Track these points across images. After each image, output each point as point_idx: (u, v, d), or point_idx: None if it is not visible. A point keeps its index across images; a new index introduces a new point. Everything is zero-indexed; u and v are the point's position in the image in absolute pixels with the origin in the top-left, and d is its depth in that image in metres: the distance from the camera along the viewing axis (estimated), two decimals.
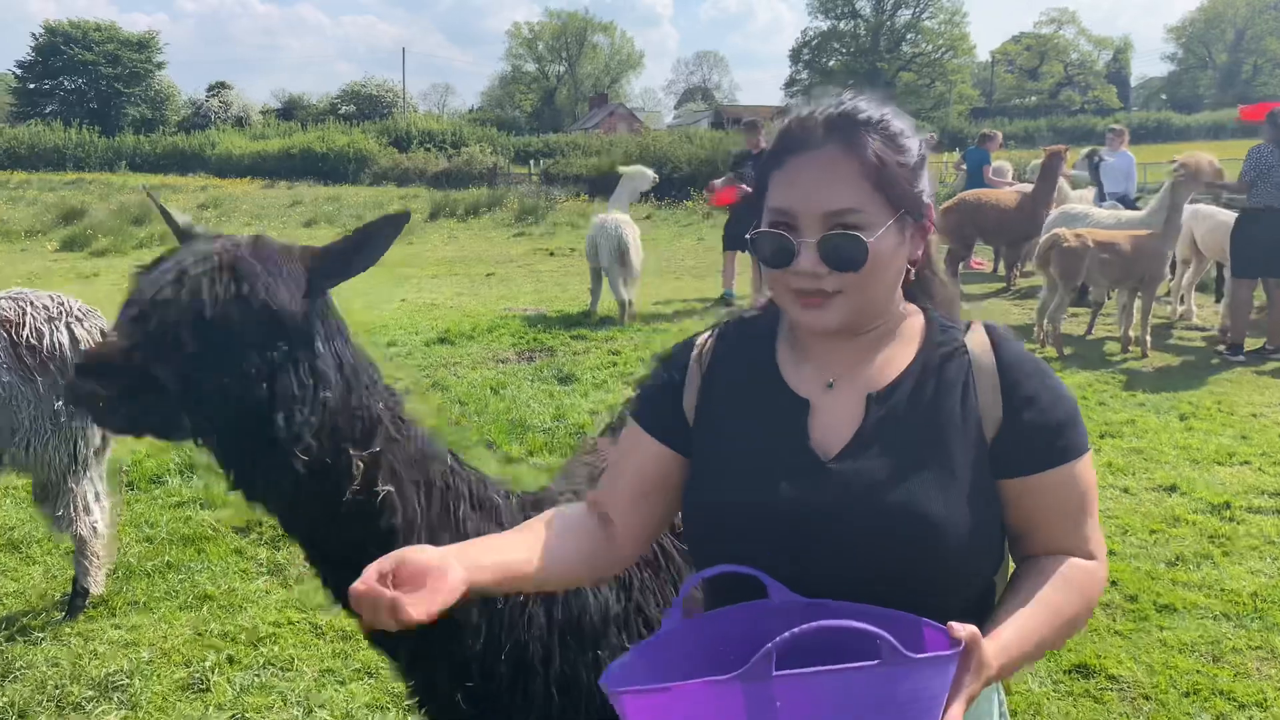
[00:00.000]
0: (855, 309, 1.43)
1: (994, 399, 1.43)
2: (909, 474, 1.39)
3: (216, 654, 3.85)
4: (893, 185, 1.40)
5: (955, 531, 1.37)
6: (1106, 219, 9.92)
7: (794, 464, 1.44)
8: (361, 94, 67.04)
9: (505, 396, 7.49)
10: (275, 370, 1.63)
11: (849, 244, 1.38)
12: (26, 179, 34.55)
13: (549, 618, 1.90)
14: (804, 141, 1.42)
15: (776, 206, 1.43)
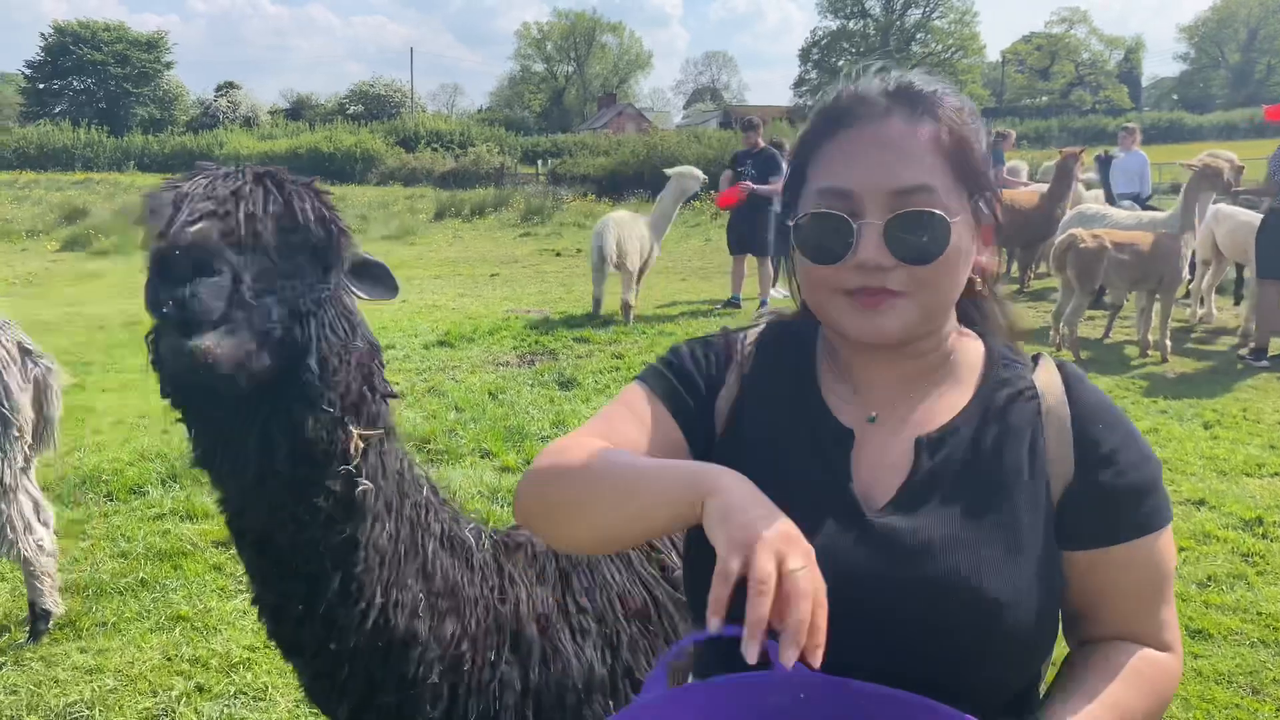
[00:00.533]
0: (920, 317, 1.18)
1: (1065, 453, 1.19)
2: (966, 540, 1.14)
3: (185, 681, 3.61)
4: (968, 164, 1.17)
5: (1017, 613, 1.12)
6: (1126, 219, 9.64)
7: (833, 511, 1.19)
8: (370, 94, 66.94)
9: (504, 402, 7.25)
10: (321, 305, 1.51)
11: (927, 224, 1.13)
12: (35, 179, 34.50)
13: (524, 682, 1.68)
14: (860, 114, 1.18)
15: (828, 186, 1.18)
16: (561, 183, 31.62)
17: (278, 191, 1.46)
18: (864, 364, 1.26)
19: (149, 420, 6.83)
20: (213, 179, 1.45)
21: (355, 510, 1.56)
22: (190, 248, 1.31)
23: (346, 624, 1.58)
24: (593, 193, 28.55)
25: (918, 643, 1.11)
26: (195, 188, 1.43)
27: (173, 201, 1.41)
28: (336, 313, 1.55)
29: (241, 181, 1.45)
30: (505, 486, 5.41)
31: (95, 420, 6.88)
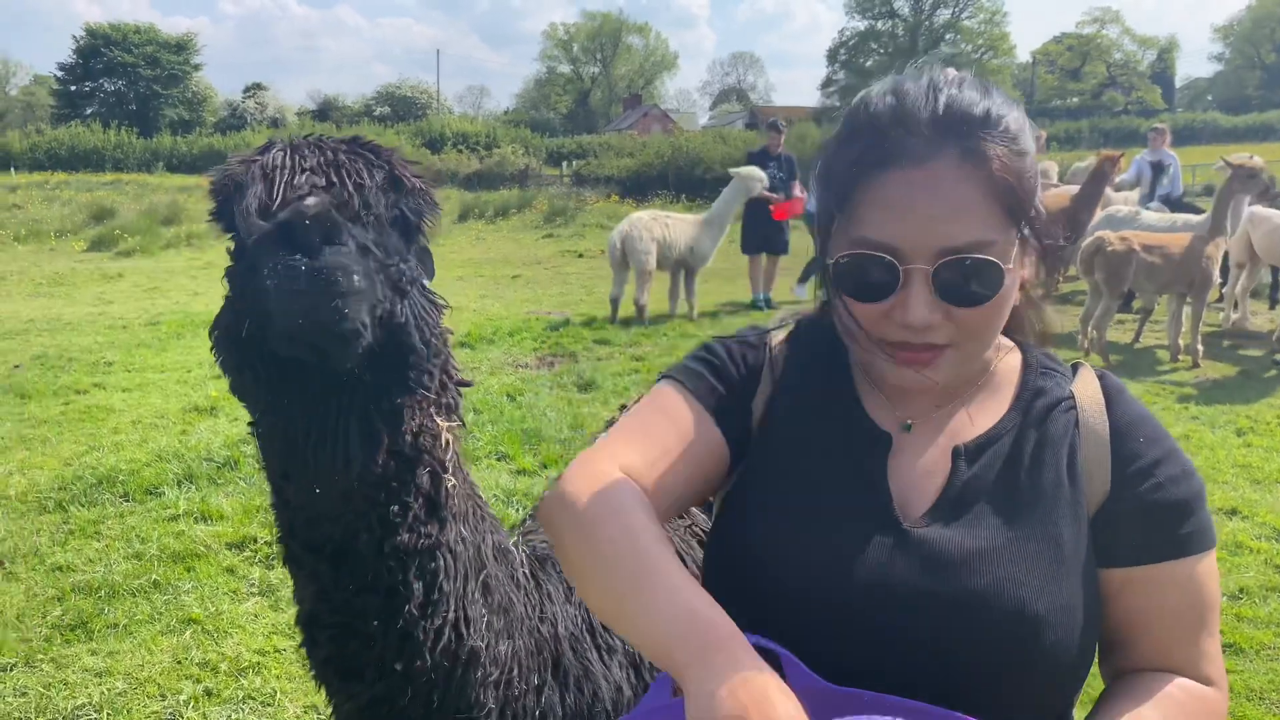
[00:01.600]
0: (966, 360, 1.14)
1: (1102, 466, 1.14)
2: (1007, 553, 1.09)
3: (194, 685, 3.58)
4: (1018, 199, 1.09)
5: (1059, 631, 1.06)
6: (1158, 222, 9.46)
7: (866, 517, 1.14)
8: (396, 95, 67.31)
9: (522, 404, 7.20)
10: (414, 282, 1.39)
11: (980, 272, 1.07)
12: (65, 179, 34.86)
13: (563, 707, 1.61)
14: (904, 148, 1.08)
15: (869, 239, 1.10)
16: (586, 184, 31.59)
17: (376, 158, 1.38)
18: (894, 373, 1.20)
19: (167, 420, 6.84)
20: (295, 150, 1.34)
21: (439, 510, 1.46)
22: (318, 218, 1.19)
23: (421, 641, 1.45)
24: (617, 194, 28.50)
25: (951, 659, 1.06)
26: (280, 159, 1.32)
27: (261, 174, 1.29)
28: (423, 290, 1.43)
29: (339, 150, 1.36)
30: (521, 489, 5.36)
31: (114, 420, 6.89)
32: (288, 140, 1.37)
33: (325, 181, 1.29)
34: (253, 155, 1.34)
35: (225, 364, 1.36)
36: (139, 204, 23.91)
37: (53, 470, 5.81)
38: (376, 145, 1.41)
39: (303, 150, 1.34)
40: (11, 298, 12.73)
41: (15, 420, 6.87)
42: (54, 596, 4.24)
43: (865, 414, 1.21)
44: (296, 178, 1.28)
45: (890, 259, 1.08)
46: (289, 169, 1.29)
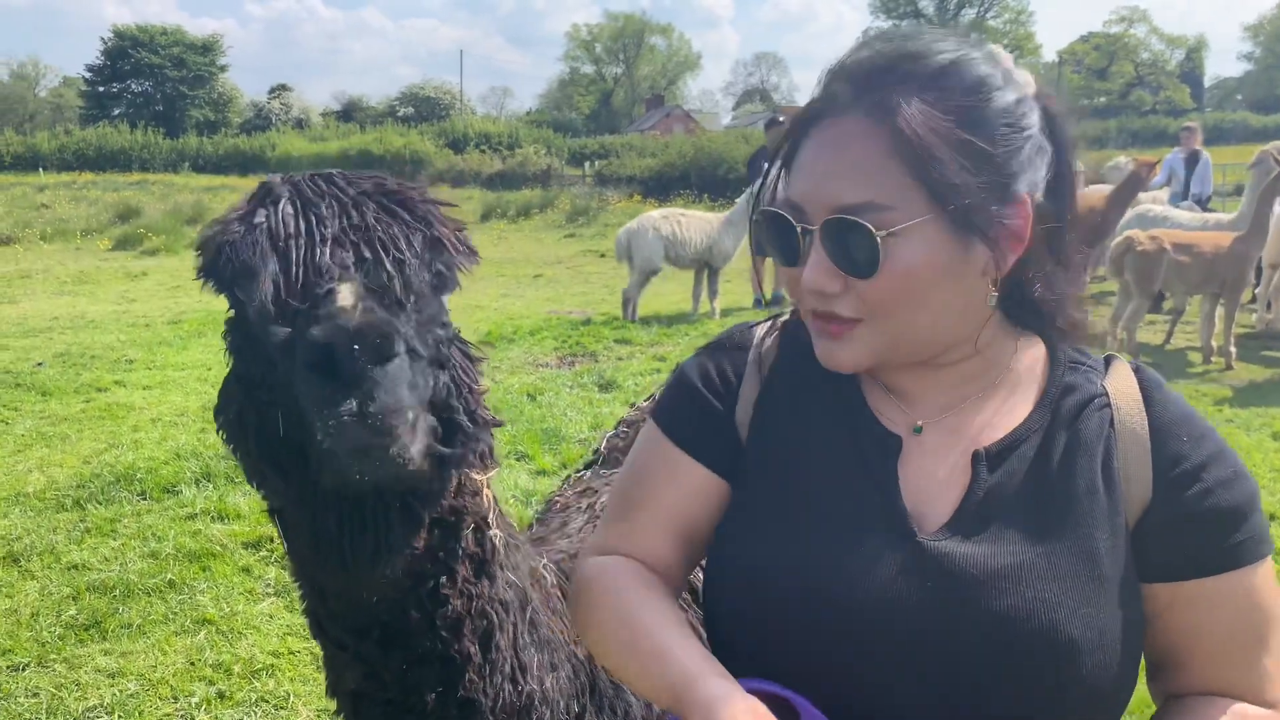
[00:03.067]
0: (885, 345, 1.02)
1: (1142, 470, 1.02)
2: (1037, 569, 0.98)
3: (207, 687, 3.52)
4: (934, 170, 0.96)
5: (1097, 656, 0.96)
6: (1190, 221, 9.27)
7: (877, 529, 1.03)
8: (420, 96, 67.54)
9: (542, 404, 7.13)
10: (453, 343, 1.22)
11: (852, 235, 0.98)
12: (93, 179, 35.20)
13: None
14: (828, 105, 1.02)
15: (785, 197, 1.05)
16: (608, 184, 31.55)
17: (411, 216, 1.14)
18: (893, 369, 1.10)
19: (187, 418, 6.81)
20: (308, 205, 1.09)
21: (487, 566, 1.33)
22: (363, 334, 0.96)
23: (482, 703, 1.33)
24: (639, 193, 28.45)
25: (976, 690, 0.95)
26: (290, 221, 1.07)
27: (270, 244, 1.05)
28: (460, 344, 1.25)
29: (365, 206, 1.10)
30: (540, 490, 5.29)
31: (134, 417, 6.87)
32: (291, 186, 1.13)
33: (356, 257, 1.06)
34: (252, 209, 1.11)
35: (242, 458, 1.18)
36: (164, 204, 24.08)
37: (71, 468, 5.79)
38: (407, 194, 1.18)
39: (317, 205, 1.09)
40: (36, 295, 12.81)
41: (36, 417, 6.87)
42: (69, 595, 4.21)
43: (871, 414, 1.11)
44: (318, 252, 1.04)
45: (787, 217, 1.02)
46: (305, 236, 1.06)
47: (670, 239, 10.47)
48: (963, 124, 0.98)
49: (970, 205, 0.97)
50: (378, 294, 1.04)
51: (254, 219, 1.08)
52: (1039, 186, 1.03)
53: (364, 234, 1.08)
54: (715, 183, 28.24)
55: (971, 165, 0.97)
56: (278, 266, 1.04)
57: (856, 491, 1.06)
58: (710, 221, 10.90)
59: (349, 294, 1.00)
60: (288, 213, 1.08)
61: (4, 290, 13.07)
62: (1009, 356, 1.10)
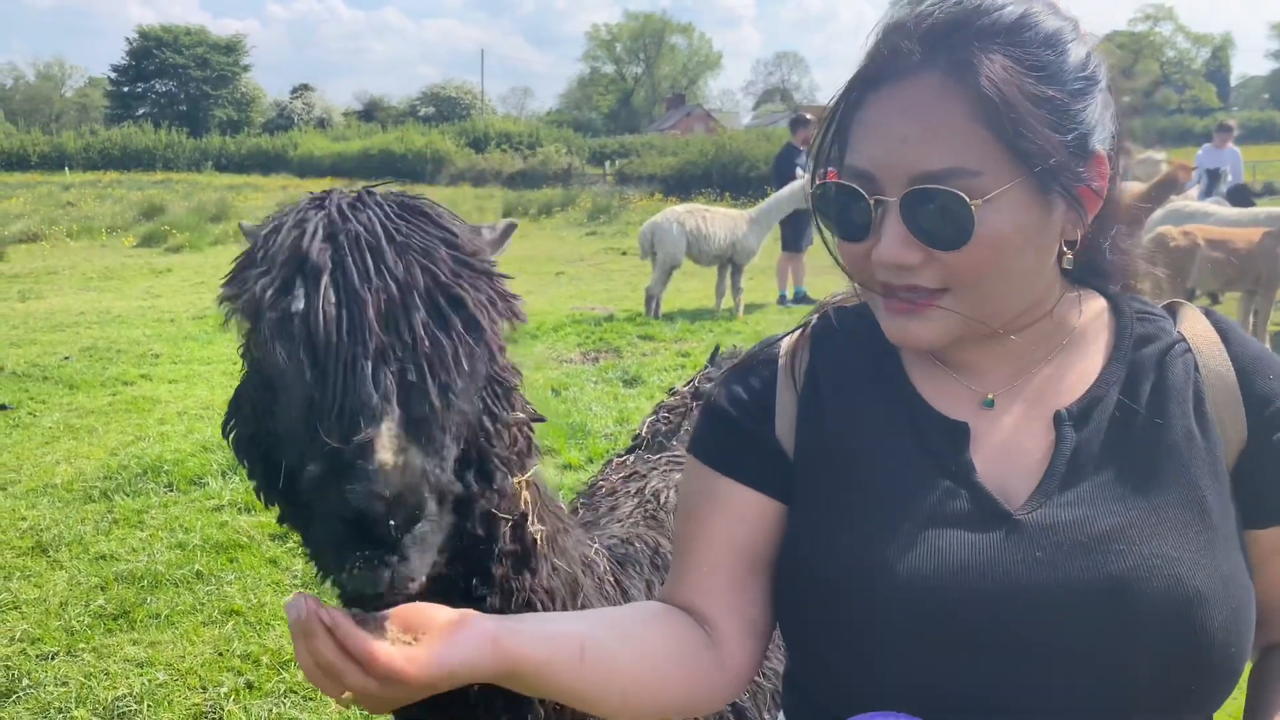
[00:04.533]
0: (967, 317, 0.96)
1: (1234, 412, 0.98)
2: (1146, 523, 0.92)
3: (235, 678, 3.50)
4: (1021, 131, 0.90)
5: (1223, 609, 0.90)
6: (1229, 215, 9.11)
7: (965, 518, 0.96)
8: (441, 96, 67.85)
9: (567, 399, 7.10)
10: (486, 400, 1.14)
11: (941, 205, 0.91)
12: (118, 178, 35.52)
13: None
14: (893, 65, 0.95)
15: (850, 166, 0.98)
16: (629, 183, 31.56)
17: (464, 316, 1.00)
18: (960, 344, 1.04)
19: (213, 411, 6.82)
20: (352, 295, 0.95)
21: (529, 559, 1.27)
22: (402, 501, 0.89)
23: (531, 700, 1.27)
24: (660, 192, 28.44)
25: (1107, 662, 0.89)
26: (330, 309, 0.94)
27: (305, 333, 0.95)
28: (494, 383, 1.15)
29: (414, 311, 0.96)
30: (567, 484, 5.25)
31: (160, 410, 6.89)
32: (333, 252, 0.98)
33: (399, 380, 0.94)
34: (289, 275, 0.97)
35: (246, 472, 1.12)
36: (188, 202, 24.24)
37: (99, 460, 5.80)
38: (460, 287, 1.02)
39: (362, 299, 0.95)
40: (63, 291, 12.90)
41: (63, 410, 6.90)
42: (97, 585, 4.20)
43: (928, 406, 1.04)
44: (360, 372, 0.92)
45: (858, 189, 0.96)
46: (346, 346, 0.93)
47: (694, 234, 10.42)
48: (1045, 80, 0.93)
49: (1056, 165, 0.93)
50: (417, 426, 0.94)
51: (290, 301, 0.95)
52: (1108, 141, 0.99)
53: (410, 352, 0.96)
54: (736, 181, 28.19)
55: (1056, 123, 0.93)
56: (313, 381, 0.94)
57: (931, 485, 0.99)
58: (734, 218, 10.85)
59: (388, 447, 0.89)
60: (329, 308, 0.94)
61: (32, 286, 13.17)
62: (1073, 315, 1.05)
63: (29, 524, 4.86)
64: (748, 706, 1.62)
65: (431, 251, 1.00)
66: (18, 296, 12.27)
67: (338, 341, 0.94)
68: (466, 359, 0.99)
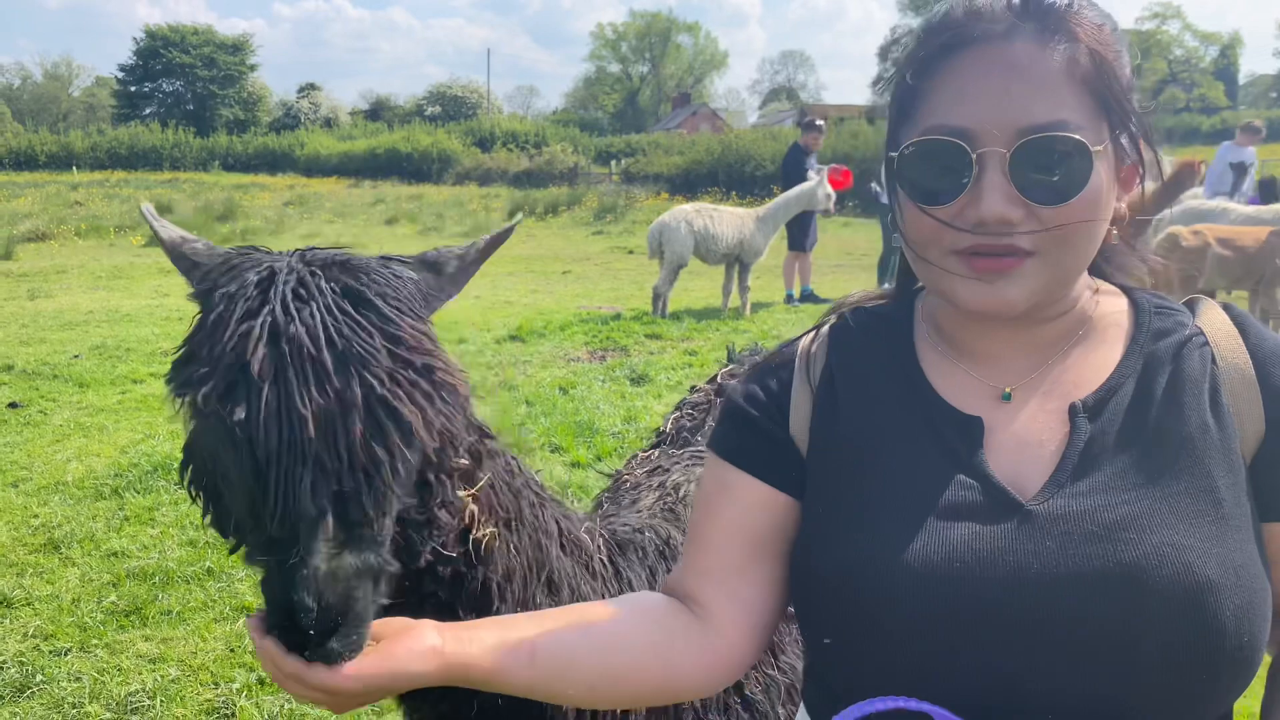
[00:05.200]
0: (1051, 281, 0.98)
1: (1252, 405, 0.98)
2: (1157, 513, 0.93)
3: (247, 674, 3.52)
4: (1111, 92, 0.95)
5: (1234, 598, 0.91)
6: (1248, 214, 9.05)
7: (978, 510, 0.98)
8: (447, 95, 67.88)
9: (574, 397, 7.11)
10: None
11: (1063, 154, 0.93)
12: (125, 178, 35.63)
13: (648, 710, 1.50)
14: (977, 34, 0.96)
15: (938, 124, 0.97)
16: (635, 182, 31.55)
17: (383, 409, 1.01)
18: (984, 335, 1.06)
19: None
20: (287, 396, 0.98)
21: (477, 554, 1.32)
22: (327, 613, 0.95)
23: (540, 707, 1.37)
24: (666, 191, 28.44)
25: (1116, 656, 0.90)
26: (274, 430, 0.97)
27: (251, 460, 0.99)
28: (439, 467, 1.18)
29: (352, 416, 0.98)
30: (575, 482, 5.27)
31: (170, 409, 6.90)
32: (276, 363, 0.99)
33: (335, 488, 0.98)
34: (229, 383, 1.00)
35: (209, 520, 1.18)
36: (195, 201, 24.29)
37: (109, 457, 5.83)
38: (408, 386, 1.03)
39: (302, 416, 0.97)
40: (72, 290, 12.94)
41: (74, 408, 6.93)
42: (109, 582, 4.23)
43: (943, 402, 1.05)
44: (297, 483, 0.96)
45: (960, 144, 0.95)
46: (286, 456, 0.96)
47: (702, 234, 10.43)
48: (1121, 47, 0.98)
49: (1132, 133, 0.98)
50: (353, 529, 1.00)
51: (233, 410, 0.98)
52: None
53: (347, 466, 0.99)
54: (743, 180, 28.17)
55: (1130, 90, 0.98)
56: (254, 486, 0.99)
57: (945, 479, 1.00)
58: (742, 217, 10.85)
59: (322, 555, 0.96)
60: (269, 414, 0.97)
61: (41, 285, 13.21)
62: (1092, 307, 1.07)
63: (41, 521, 4.89)
64: (759, 700, 1.65)
65: (369, 360, 1.00)
66: (27, 295, 12.31)
67: (278, 453, 0.96)
68: (403, 465, 1.02)
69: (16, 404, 6.92)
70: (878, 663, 0.98)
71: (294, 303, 1.02)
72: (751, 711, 1.62)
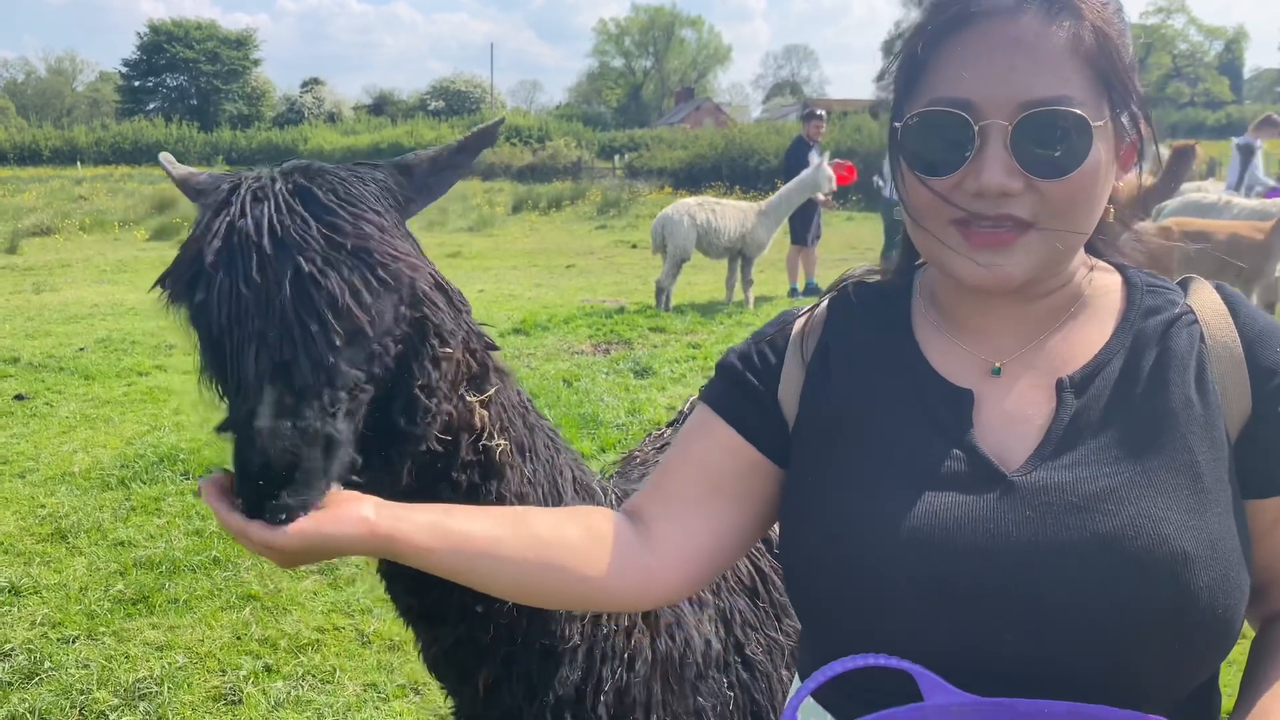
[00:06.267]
0: (1049, 256, 0.99)
1: (1239, 383, 0.99)
2: (1136, 485, 0.95)
3: (254, 661, 3.55)
4: (1113, 69, 0.97)
5: (1210, 570, 0.92)
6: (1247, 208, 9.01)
7: (961, 480, 1.00)
8: (451, 90, 67.88)
9: (578, 389, 7.13)
10: (404, 349, 1.25)
11: (1064, 129, 0.94)
12: (129, 172, 35.68)
13: (653, 651, 1.54)
14: (983, 9, 0.97)
15: (942, 97, 0.99)
16: (638, 176, 31.55)
17: (312, 285, 1.11)
18: (979, 310, 1.08)
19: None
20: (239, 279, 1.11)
21: (494, 468, 1.39)
22: (270, 468, 1.06)
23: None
24: (669, 185, 28.44)
25: (1091, 624, 0.92)
26: (226, 306, 1.10)
27: (209, 338, 1.14)
28: (424, 340, 1.27)
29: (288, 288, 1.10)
30: None
31: (175, 401, 6.94)
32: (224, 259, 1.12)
33: (278, 354, 1.09)
34: (188, 279, 1.15)
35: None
36: None
37: (115, 449, 5.86)
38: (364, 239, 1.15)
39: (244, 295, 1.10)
40: (77, 284, 12.98)
41: (80, 400, 6.96)
42: (116, 571, 4.26)
43: (935, 374, 1.07)
44: (244, 356, 1.09)
45: (963, 115, 0.96)
46: (235, 330, 1.10)
47: (705, 227, 10.43)
48: (1124, 25, 1.00)
49: (1133, 112, 1.00)
50: (299, 394, 1.09)
51: (193, 293, 1.14)
52: None
53: (283, 331, 1.09)
54: (746, 174, 28.18)
55: (1133, 69, 1.00)
56: (213, 360, 1.16)
57: (933, 449, 1.02)
58: (745, 211, 10.86)
59: (263, 416, 1.07)
60: (220, 295, 1.11)
61: (46, 279, 13.25)
62: (1086, 284, 1.08)
63: (48, 511, 4.92)
64: (760, 660, 1.70)
65: (304, 245, 1.12)
66: (32, 289, 12.35)
67: (228, 328, 1.11)
68: (335, 337, 1.11)
69: (23, 396, 6.95)
70: (863, 626, 1.00)
71: (250, 203, 1.15)
72: (752, 671, 1.66)
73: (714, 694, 1.61)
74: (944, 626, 0.95)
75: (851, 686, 1.01)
